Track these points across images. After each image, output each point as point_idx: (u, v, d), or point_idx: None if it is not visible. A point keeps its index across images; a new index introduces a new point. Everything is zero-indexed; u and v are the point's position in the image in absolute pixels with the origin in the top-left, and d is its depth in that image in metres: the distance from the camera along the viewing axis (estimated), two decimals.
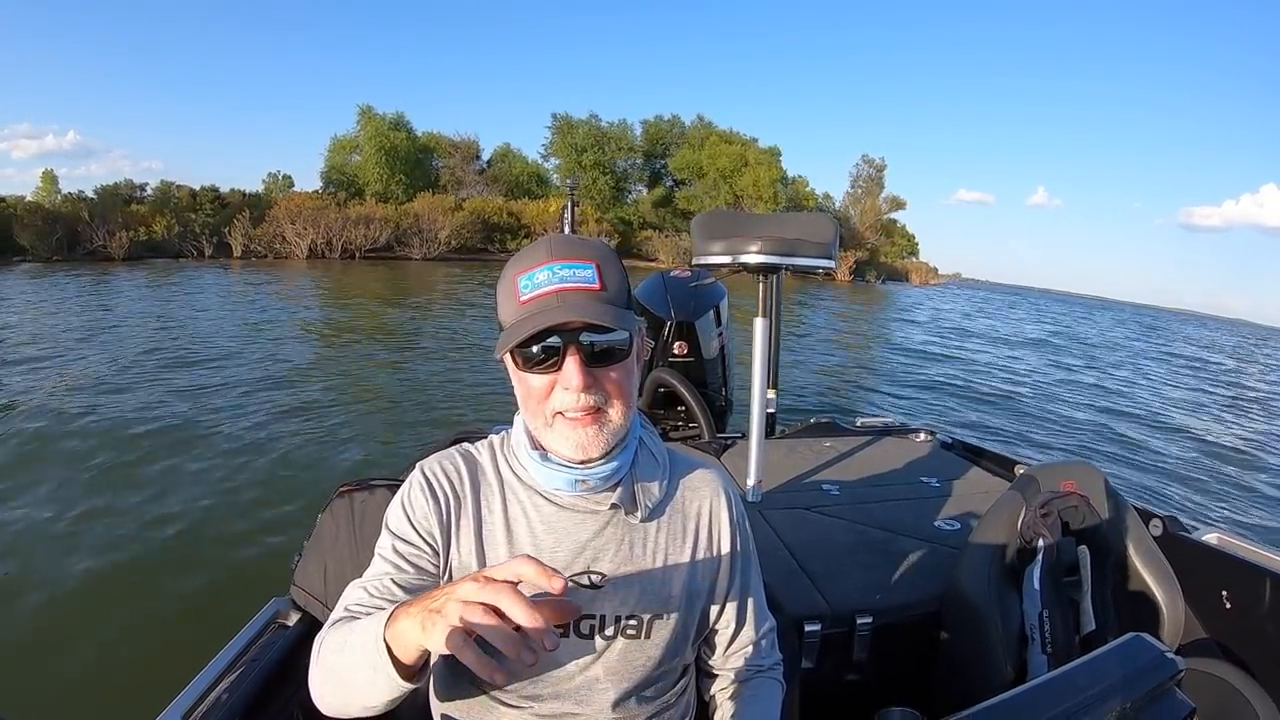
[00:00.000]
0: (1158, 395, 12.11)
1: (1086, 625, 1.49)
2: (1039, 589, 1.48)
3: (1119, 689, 0.71)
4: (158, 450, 4.95)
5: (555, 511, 0.88)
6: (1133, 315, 68.75)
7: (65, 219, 20.88)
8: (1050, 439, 7.53)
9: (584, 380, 0.79)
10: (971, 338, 18.27)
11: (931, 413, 8.20)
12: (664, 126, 41.41)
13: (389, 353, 9.39)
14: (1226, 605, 1.58)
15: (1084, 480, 1.58)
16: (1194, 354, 22.97)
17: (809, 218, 2.26)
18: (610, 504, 0.89)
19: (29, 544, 3.58)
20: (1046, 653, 1.44)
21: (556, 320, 0.77)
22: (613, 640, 0.87)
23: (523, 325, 0.78)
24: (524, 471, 0.91)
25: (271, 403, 6.35)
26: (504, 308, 0.83)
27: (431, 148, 36.57)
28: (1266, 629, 1.49)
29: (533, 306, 0.79)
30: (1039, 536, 1.50)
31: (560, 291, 0.79)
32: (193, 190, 27.79)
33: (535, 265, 0.80)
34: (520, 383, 0.84)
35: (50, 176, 25.57)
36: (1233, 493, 6.32)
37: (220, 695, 1.09)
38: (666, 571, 0.91)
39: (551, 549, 0.87)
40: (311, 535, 1.35)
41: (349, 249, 25.54)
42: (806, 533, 1.99)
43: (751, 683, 1.00)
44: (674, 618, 0.90)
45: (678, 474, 0.97)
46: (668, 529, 0.93)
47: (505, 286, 0.83)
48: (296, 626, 1.29)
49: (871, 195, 46.05)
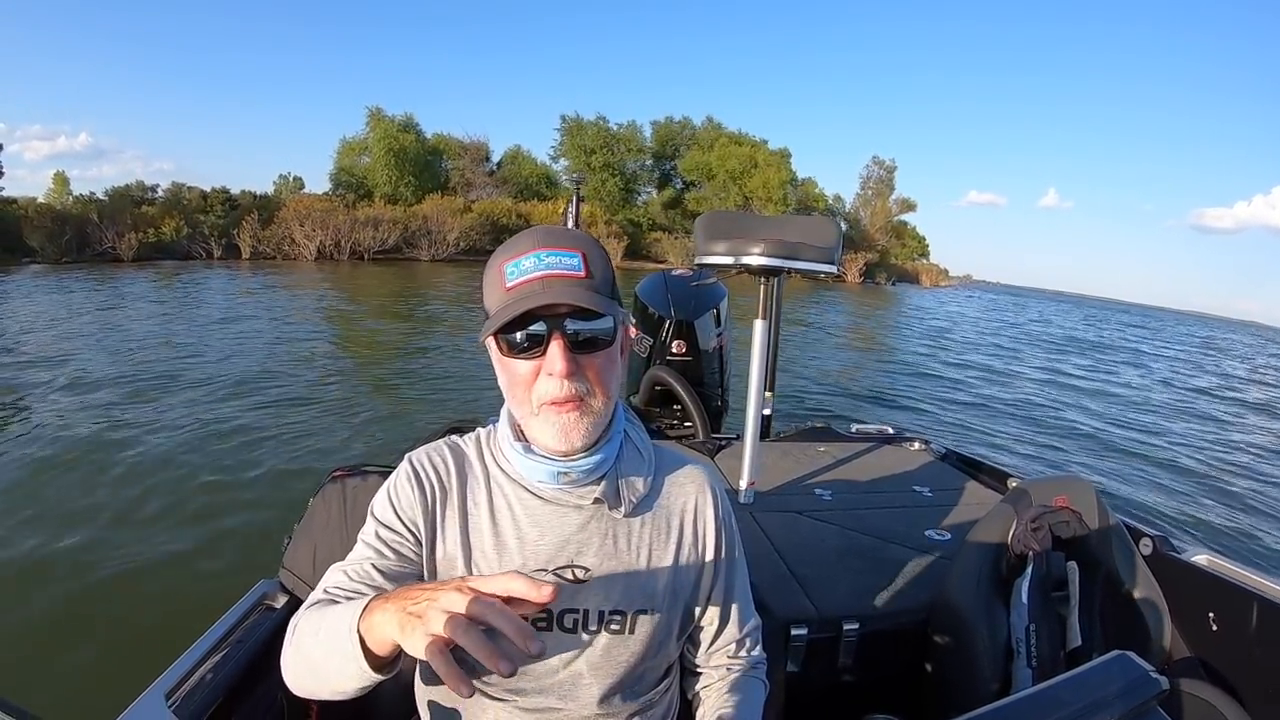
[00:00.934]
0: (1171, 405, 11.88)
1: (1072, 641, 1.49)
2: (1027, 602, 1.48)
3: (1102, 706, 0.70)
4: (147, 436, 5.03)
5: (539, 505, 0.89)
6: (1152, 318, 67.51)
7: (74, 220, 20.92)
8: (1051, 452, 7.39)
9: (567, 366, 0.79)
10: (992, 344, 17.96)
11: (927, 420, 8.12)
12: (674, 128, 41.31)
13: (389, 349, 9.44)
14: (1213, 627, 1.57)
15: (1076, 495, 1.58)
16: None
17: (812, 221, 2.27)
18: (594, 498, 0.88)
19: (18, 529, 3.62)
20: (1032, 666, 1.44)
21: (541, 303, 0.77)
22: (596, 635, 0.87)
23: (509, 310, 0.78)
24: (508, 464, 0.91)
25: (267, 395, 6.46)
26: (490, 295, 0.83)
27: (441, 149, 36.62)
28: (1252, 652, 1.48)
29: (518, 293, 0.79)
30: (1029, 550, 1.51)
31: (546, 278, 0.79)
32: (204, 191, 27.96)
33: (521, 253, 0.81)
34: (504, 369, 0.84)
35: (62, 178, 25.80)
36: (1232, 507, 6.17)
37: (204, 675, 1.09)
38: (650, 567, 0.91)
39: (535, 541, 0.87)
40: (302, 518, 1.37)
41: (357, 250, 25.56)
42: (797, 536, 1.99)
43: (734, 681, 0.99)
44: (658, 614, 0.90)
45: (663, 470, 0.97)
46: (652, 524, 0.93)
47: (491, 274, 0.83)
48: (284, 609, 1.30)
49: (882, 197, 46.05)
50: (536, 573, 0.85)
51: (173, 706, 1.00)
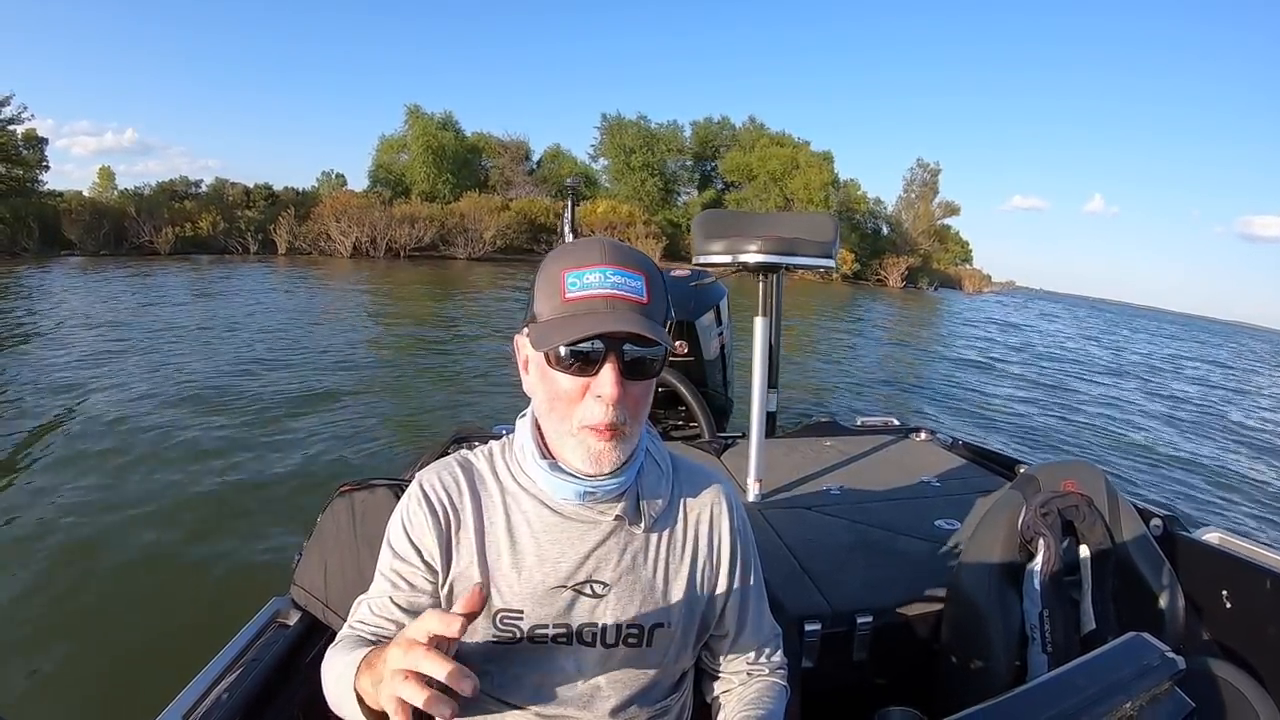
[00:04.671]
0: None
1: (1087, 625, 1.47)
2: (1039, 588, 1.46)
3: (1119, 689, 0.70)
4: (165, 443, 4.96)
5: (559, 521, 0.88)
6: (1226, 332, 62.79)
7: (112, 214, 21.21)
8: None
9: (618, 391, 0.78)
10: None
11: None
12: (714, 128, 40.90)
13: (418, 349, 9.37)
14: (1227, 605, 1.58)
15: (1084, 480, 1.56)
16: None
17: (809, 217, 2.28)
18: (615, 515, 0.88)
19: (30, 537, 3.57)
20: (1047, 652, 1.43)
21: (609, 328, 0.76)
22: (614, 649, 0.88)
23: (569, 324, 0.77)
24: (527, 480, 0.90)
25: (289, 398, 6.38)
26: (544, 299, 0.80)
27: (480, 148, 36.83)
28: (1267, 628, 1.49)
29: (579, 306, 0.78)
30: (1039, 536, 1.48)
31: (612, 298, 0.78)
32: (246, 188, 28.15)
33: (586, 265, 0.79)
34: (546, 381, 0.82)
35: (107, 173, 26.33)
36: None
37: (220, 695, 1.10)
38: (668, 581, 0.92)
39: (555, 559, 0.87)
40: (312, 535, 1.38)
41: (393, 247, 25.65)
42: (807, 532, 2.00)
43: (755, 686, 1.00)
44: (675, 626, 0.91)
45: (680, 482, 0.97)
46: (669, 539, 0.93)
47: (550, 280, 0.80)
48: (296, 626, 1.32)
49: (925, 200, 45.31)
50: (554, 590, 0.86)
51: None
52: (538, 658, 0.87)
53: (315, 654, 1.30)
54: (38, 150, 22.52)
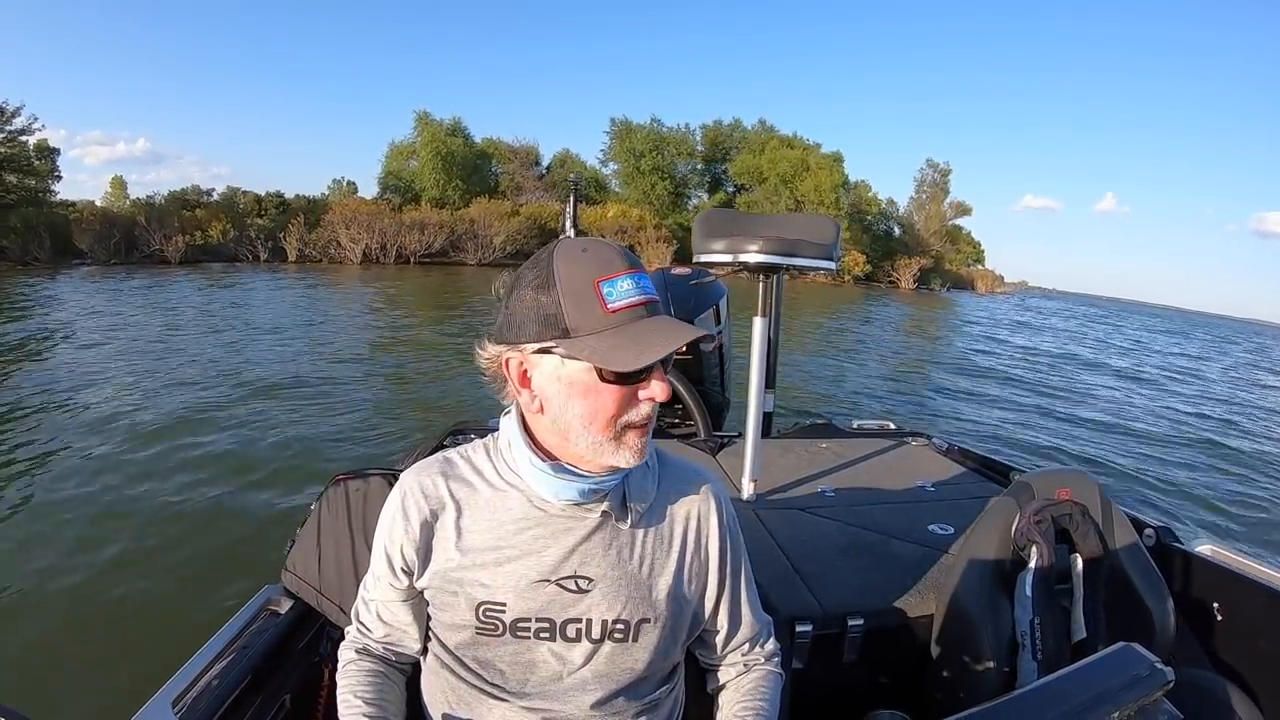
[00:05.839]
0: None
1: (1077, 633, 1.48)
2: (1031, 595, 1.46)
3: (1108, 698, 0.70)
4: (160, 440, 5.06)
5: (544, 517, 0.88)
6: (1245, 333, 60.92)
7: (123, 223, 21.36)
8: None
9: (668, 389, 0.79)
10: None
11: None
12: (724, 130, 40.65)
13: (418, 350, 9.51)
14: (1218, 616, 1.58)
15: (1078, 488, 1.56)
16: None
17: (810, 218, 2.26)
18: (602, 510, 0.88)
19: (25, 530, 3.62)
20: (1037, 660, 1.43)
21: (684, 339, 0.77)
22: (600, 644, 0.89)
23: (628, 337, 0.75)
24: (514, 476, 0.89)
25: (289, 398, 6.49)
26: (579, 313, 0.76)
27: (490, 153, 36.79)
28: (1258, 641, 1.48)
29: (625, 316, 0.76)
30: (1032, 543, 1.49)
31: (648, 303, 0.78)
32: (257, 196, 28.17)
33: (615, 273, 0.77)
34: (591, 397, 0.79)
35: (119, 182, 26.41)
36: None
37: (210, 681, 1.10)
38: (653, 576, 0.91)
39: (539, 553, 0.87)
40: (305, 523, 1.39)
41: (403, 254, 25.68)
42: (800, 533, 2.00)
43: (752, 675, 1.01)
44: (661, 622, 0.91)
45: (667, 478, 0.97)
46: (655, 534, 0.93)
47: (580, 290, 0.76)
48: (288, 613, 1.32)
49: (936, 200, 45.05)
50: (538, 583, 0.87)
51: (179, 713, 1.01)
52: (522, 651, 0.88)
53: (306, 641, 1.32)
54: (49, 160, 22.60)
